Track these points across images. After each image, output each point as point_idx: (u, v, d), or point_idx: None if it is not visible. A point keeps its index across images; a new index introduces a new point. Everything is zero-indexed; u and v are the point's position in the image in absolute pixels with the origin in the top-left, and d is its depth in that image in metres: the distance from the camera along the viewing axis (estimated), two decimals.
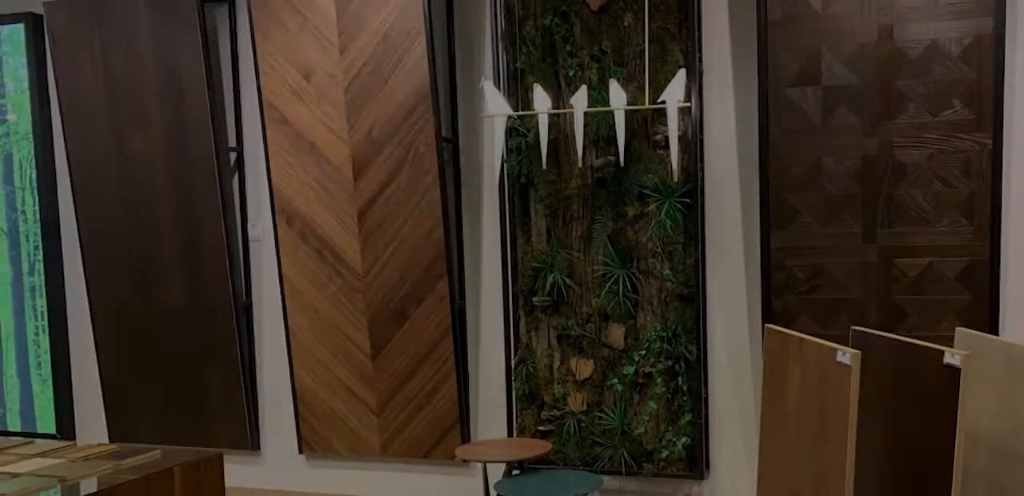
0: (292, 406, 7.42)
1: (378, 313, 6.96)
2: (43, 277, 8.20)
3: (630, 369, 6.37)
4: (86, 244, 7.79)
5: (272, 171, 7.13)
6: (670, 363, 6.29)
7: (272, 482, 7.73)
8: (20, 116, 8.15)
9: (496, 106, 6.13)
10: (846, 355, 4.00)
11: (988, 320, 5.48)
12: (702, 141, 6.27)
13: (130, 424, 7.94)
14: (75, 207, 7.77)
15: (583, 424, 6.53)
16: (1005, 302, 5.68)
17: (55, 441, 5.68)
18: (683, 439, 6.28)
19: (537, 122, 6.21)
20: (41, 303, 8.25)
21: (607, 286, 6.41)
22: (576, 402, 6.56)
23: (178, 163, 7.36)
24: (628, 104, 6.02)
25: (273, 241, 7.25)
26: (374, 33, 6.68)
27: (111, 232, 7.67)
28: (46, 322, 8.24)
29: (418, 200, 6.72)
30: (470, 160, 6.98)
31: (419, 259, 6.79)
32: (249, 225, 7.60)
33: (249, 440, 7.61)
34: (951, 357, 3.84)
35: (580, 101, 5.92)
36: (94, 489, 4.30)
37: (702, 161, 6.27)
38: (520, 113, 6.36)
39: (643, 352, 6.35)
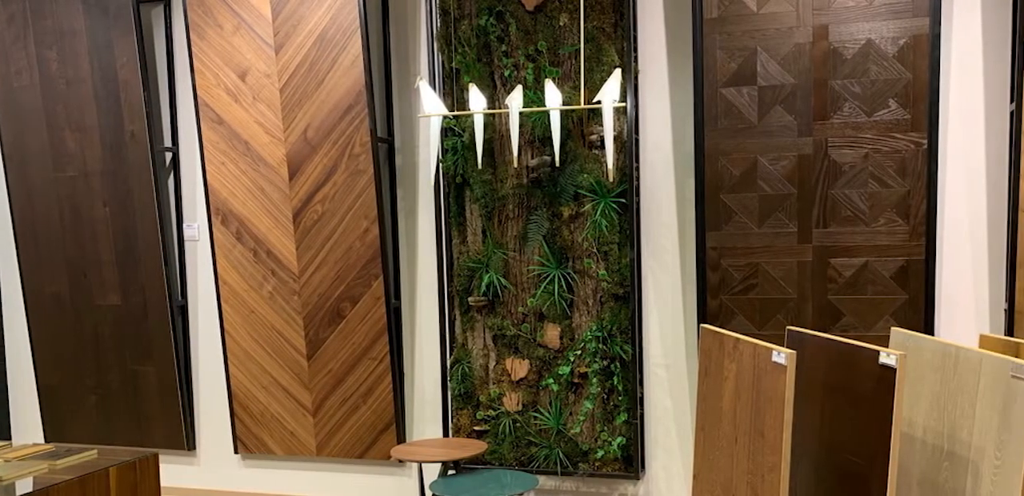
0: (228, 406, 7.31)
1: (314, 313, 6.82)
2: None
3: (565, 369, 6.26)
4: (21, 244, 7.62)
5: (207, 171, 6.99)
6: (605, 363, 6.19)
7: (207, 482, 7.60)
8: None
9: (431, 106, 6.01)
10: (781, 355, 3.96)
11: (923, 320, 5.42)
12: (638, 141, 6.17)
13: (66, 424, 7.79)
14: (10, 206, 7.61)
15: (518, 424, 6.43)
16: (940, 302, 5.65)
17: None
18: (618, 439, 6.18)
19: (472, 122, 6.15)
20: None
21: (542, 286, 6.30)
22: (511, 402, 6.44)
23: (114, 162, 7.19)
24: (563, 104, 5.93)
25: (209, 241, 7.11)
26: (309, 33, 6.55)
27: (46, 232, 7.50)
28: None
29: (353, 200, 6.58)
30: (406, 160, 6.85)
31: (354, 259, 6.66)
32: (185, 225, 7.44)
33: (185, 440, 7.46)
34: (886, 357, 3.83)
35: (515, 101, 5.80)
36: (30, 489, 4.24)
37: (637, 161, 6.16)
38: (455, 113, 6.23)
39: (578, 352, 6.24)
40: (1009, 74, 5.44)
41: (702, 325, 4.84)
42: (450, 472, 6.20)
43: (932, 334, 5.40)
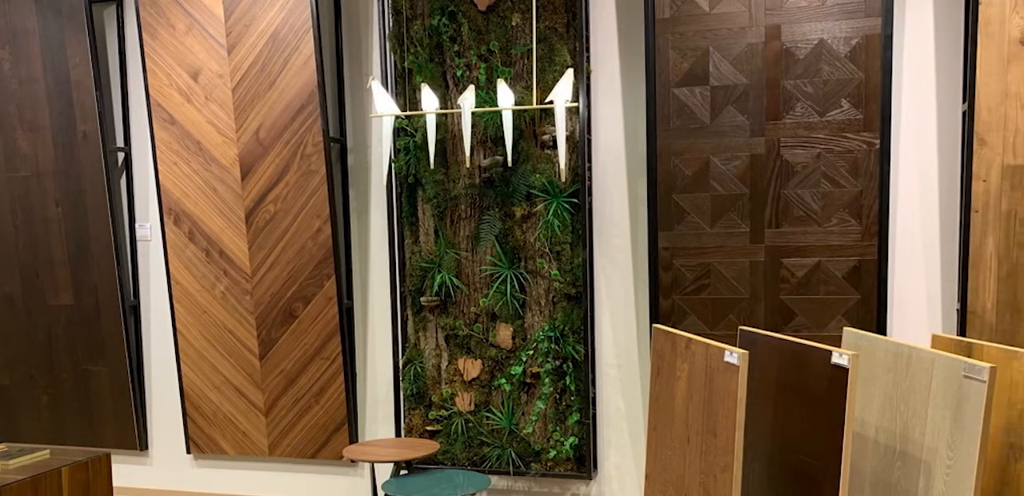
0: (180, 406, 7.20)
1: (266, 313, 6.72)
2: None
3: (518, 369, 6.19)
4: None
5: (160, 171, 6.88)
6: (558, 363, 6.12)
7: (160, 482, 7.49)
8: None
9: (384, 106, 5.94)
10: (734, 355, 3.90)
11: (876, 320, 5.37)
12: (590, 141, 6.09)
13: (18, 424, 7.65)
14: None
15: (471, 424, 6.36)
16: (892, 302, 5.60)
17: None
18: (571, 439, 6.12)
19: (425, 122, 6.09)
20: None
21: (495, 286, 6.23)
22: (464, 402, 6.36)
23: (66, 162, 7.07)
24: (516, 104, 5.89)
25: (161, 241, 7.01)
26: (262, 33, 6.45)
27: None
28: None
29: (306, 200, 6.49)
30: (358, 160, 6.75)
31: (307, 259, 6.56)
32: (137, 225, 7.31)
33: (137, 440, 7.34)
34: (839, 357, 3.80)
35: (467, 101, 5.73)
36: None
37: (590, 161, 6.09)
38: (408, 113, 6.16)
39: (531, 352, 6.18)
40: (961, 74, 5.39)
41: (654, 325, 4.75)
42: (402, 472, 6.11)
43: (884, 334, 5.36)
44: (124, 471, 7.51)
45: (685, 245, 5.65)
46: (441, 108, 6.13)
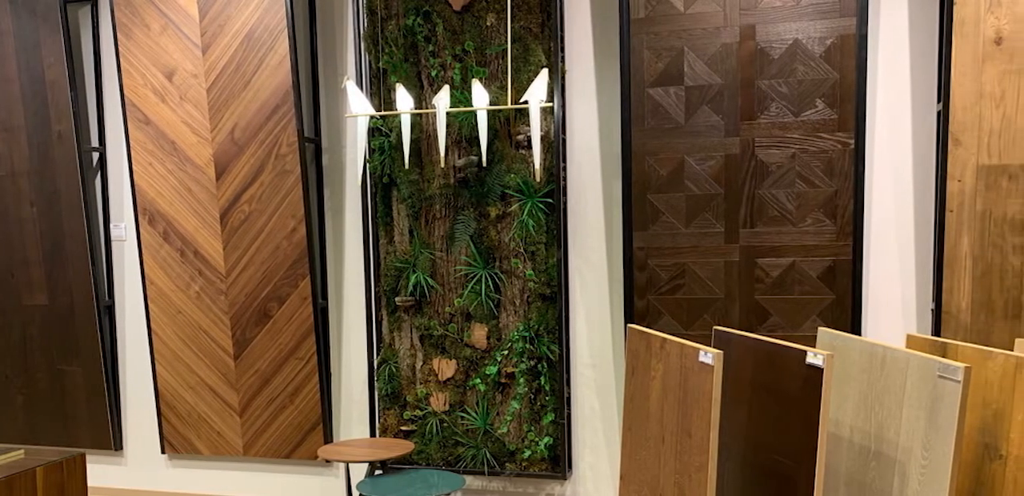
0: (155, 406, 7.14)
1: (241, 313, 6.65)
2: None
3: (492, 369, 6.13)
4: None
5: (135, 171, 6.81)
6: (532, 363, 6.07)
7: (135, 482, 7.41)
8: None
9: (358, 106, 5.88)
10: (708, 355, 3.85)
11: (851, 320, 5.33)
12: (565, 141, 6.04)
13: None
14: None
15: (445, 424, 6.30)
16: (867, 302, 5.56)
17: None
18: (545, 439, 6.07)
19: (399, 122, 6.05)
20: None
21: (470, 286, 6.18)
22: (439, 402, 6.31)
23: (41, 163, 6.99)
24: (490, 104, 5.84)
25: (136, 241, 6.94)
26: (236, 33, 6.38)
27: None
28: None
29: (280, 200, 6.43)
30: (333, 160, 6.68)
31: (281, 259, 6.50)
32: (112, 225, 7.23)
33: (112, 440, 7.26)
34: (814, 357, 3.76)
35: (442, 101, 5.69)
36: None
37: (564, 161, 6.03)
38: (383, 113, 6.11)
39: (505, 352, 6.13)
40: (935, 74, 5.36)
41: (629, 325, 4.70)
42: (377, 472, 6.06)
43: (859, 334, 5.32)
44: (99, 471, 7.43)
45: (660, 245, 5.60)
46: (416, 108, 6.07)
